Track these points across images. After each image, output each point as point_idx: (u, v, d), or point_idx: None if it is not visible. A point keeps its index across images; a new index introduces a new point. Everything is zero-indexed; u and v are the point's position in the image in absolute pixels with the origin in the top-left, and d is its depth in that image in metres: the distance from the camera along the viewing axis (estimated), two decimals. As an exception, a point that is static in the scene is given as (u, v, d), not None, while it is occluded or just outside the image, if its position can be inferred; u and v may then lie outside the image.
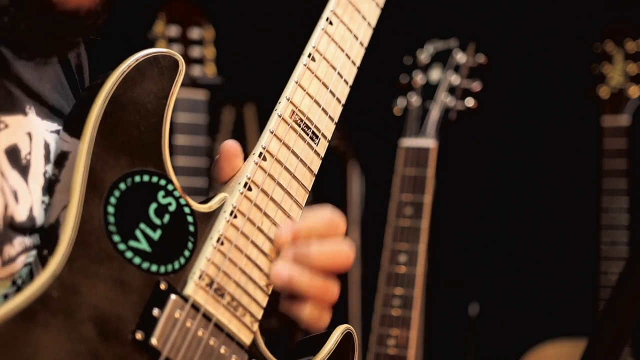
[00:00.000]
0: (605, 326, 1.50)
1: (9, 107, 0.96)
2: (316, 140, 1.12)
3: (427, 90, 2.36)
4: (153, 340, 0.93)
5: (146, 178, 0.98)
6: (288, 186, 1.08)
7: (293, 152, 1.09)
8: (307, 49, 1.13)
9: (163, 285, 0.96)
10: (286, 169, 1.08)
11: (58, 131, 1.02)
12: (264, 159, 1.07)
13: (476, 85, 2.33)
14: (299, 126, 1.10)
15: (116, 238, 0.94)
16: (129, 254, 0.94)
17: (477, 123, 2.44)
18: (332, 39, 1.15)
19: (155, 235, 0.97)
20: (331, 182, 3.07)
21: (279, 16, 3.14)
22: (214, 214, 1.03)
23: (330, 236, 1.06)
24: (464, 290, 3.22)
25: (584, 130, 2.94)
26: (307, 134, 1.11)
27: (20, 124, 0.97)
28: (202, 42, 2.71)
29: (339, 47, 1.16)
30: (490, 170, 3.21)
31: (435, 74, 2.37)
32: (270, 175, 1.07)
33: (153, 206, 0.98)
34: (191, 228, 1.00)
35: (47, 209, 0.97)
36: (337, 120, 1.14)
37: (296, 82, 1.11)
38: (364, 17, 1.20)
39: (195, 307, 0.97)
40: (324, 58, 1.14)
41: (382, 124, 2.56)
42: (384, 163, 2.50)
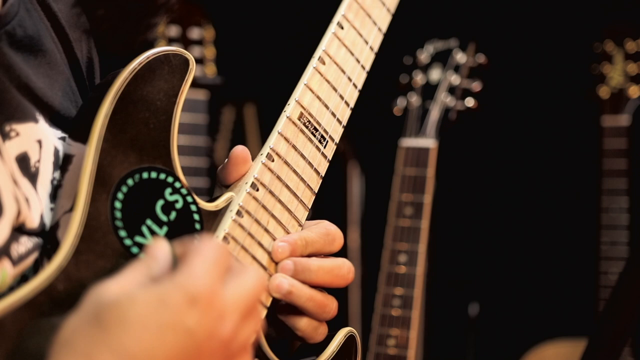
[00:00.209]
0: (605, 326, 1.50)
1: (20, 115, 0.96)
2: (324, 143, 1.12)
3: (427, 90, 2.36)
4: None
5: (154, 175, 0.98)
6: (295, 187, 1.08)
7: (301, 154, 1.09)
8: (318, 52, 1.14)
9: None
10: (293, 170, 1.08)
11: (64, 138, 1.02)
12: (272, 159, 1.07)
13: (476, 85, 2.33)
14: (307, 128, 1.10)
15: (122, 233, 0.94)
16: (135, 250, 0.94)
17: (477, 123, 2.45)
18: (343, 43, 1.16)
19: (162, 231, 0.97)
20: (331, 182, 3.06)
21: (279, 16, 3.14)
22: (220, 212, 1.03)
23: (327, 250, 1.07)
24: (464, 290, 3.22)
25: (584, 130, 2.94)
26: (315, 137, 1.11)
27: (31, 131, 0.97)
28: (202, 42, 2.71)
29: (349, 51, 1.16)
30: (490, 170, 3.21)
31: (435, 74, 2.37)
32: (278, 176, 1.07)
33: (160, 203, 0.98)
34: (197, 226, 1.00)
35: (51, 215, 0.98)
36: (345, 123, 1.15)
37: (305, 85, 1.11)
38: (374, 22, 1.21)
39: None
40: (334, 62, 1.14)
41: (382, 124, 2.56)
42: (384, 163, 2.50)
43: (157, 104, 1.00)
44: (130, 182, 0.96)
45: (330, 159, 1.13)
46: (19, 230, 0.94)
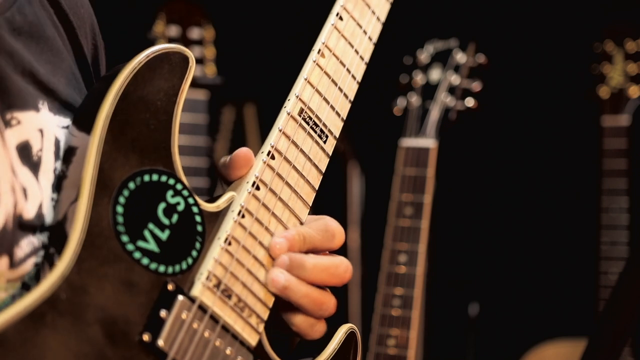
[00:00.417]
0: (605, 326, 1.50)
1: (22, 104, 0.95)
2: (324, 139, 1.10)
3: (427, 90, 2.36)
4: (160, 342, 0.92)
5: (155, 177, 0.97)
6: (296, 185, 1.07)
7: (301, 151, 1.07)
8: (317, 45, 1.11)
9: (170, 286, 0.95)
10: (294, 167, 1.07)
11: (69, 126, 1.01)
12: (272, 157, 1.05)
13: (476, 85, 2.33)
14: (308, 124, 1.08)
15: (125, 238, 0.93)
16: (137, 255, 0.93)
17: (477, 123, 2.45)
18: (342, 35, 1.13)
19: (164, 235, 0.96)
20: (331, 182, 3.06)
21: (279, 16, 3.14)
22: (221, 213, 1.02)
23: (326, 246, 1.05)
24: (464, 290, 3.22)
25: (584, 130, 2.94)
26: (316, 132, 1.09)
27: (32, 120, 0.96)
28: (202, 42, 2.71)
29: (349, 43, 1.14)
30: (490, 170, 3.21)
31: (435, 74, 2.37)
32: (279, 174, 1.05)
33: (162, 206, 0.97)
34: (199, 228, 0.99)
35: (55, 205, 0.97)
36: (345, 118, 1.13)
37: (305, 79, 1.09)
38: (373, 12, 1.18)
39: (202, 309, 0.96)
40: (334, 54, 1.12)
41: (382, 124, 2.56)
42: (384, 163, 2.50)
43: (157, 104, 0.98)
44: (131, 185, 0.95)
45: (330, 154, 1.10)
46: (20, 227, 0.93)
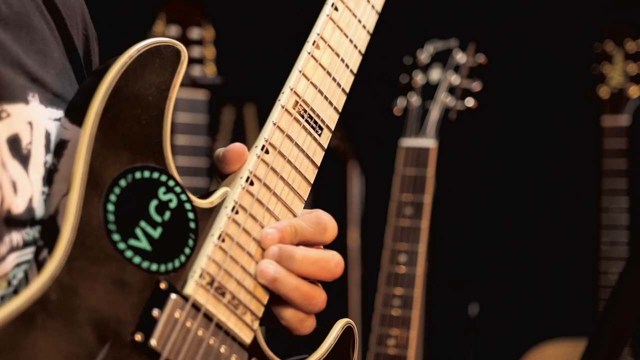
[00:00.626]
0: (605, 326, 1.50)
1: (11, 96, 0.94)
2: (319, 132, 1.08)
3: (427, 90, 2.36)
4: (152, 342, 0.91)
5: (147, 174, 0.95)
6: (291, 179, 1.05)
7: (296, 144, 1.06)
8: (312, 36, 1.09)
9: (163, 284, 0.94)
10: (289, 161, 1.05)
11: (60, 119, 1.00)
12: (267, 151, 1.03)
13: (476, 85, 2.33)
14: (303, 117, 1.06)
15: (116, 237, 0.92)
16: (128, 253, 0.92)
17: (477, 123, 2.44)
18: (337, 26, 1.11)
19: (156, 233, 0.95)
20: (331, 182, 3.07)
21: (279, 16, 3.14)
22: (215, 209, 1.00)
23: (317, 239, 1.04)
24: (464, 290, 3.22)
25: (584, 130, 2.94)
26: (311, 125, 1.07)
27: (22, 112, 0.95)
28: (202, 42, 2.71)
29: (344, 33, 1.11)
30: (490, 170, 3.21)
31: (435, 74, 2.37)
32: (273, 169, 1.04)
33: (154, 203, 0.95)
34: (192, 225, 0.98)
35: (46, 199, 0.95)
36: (341, 110, 1.11)
37: (300, 71, 1.07)
38: (368, 1, 1.15)
39: (196, 307, 0.95)
40: (329, 45, 1.10)
41: (382, 124, 2.56)
42: (384, 163, 2.50)
43: (148, 99, 0.96)
44: (123, 183, 0.93)
45: (326, 147, 1.09)
46: (7, 222, 0.92)
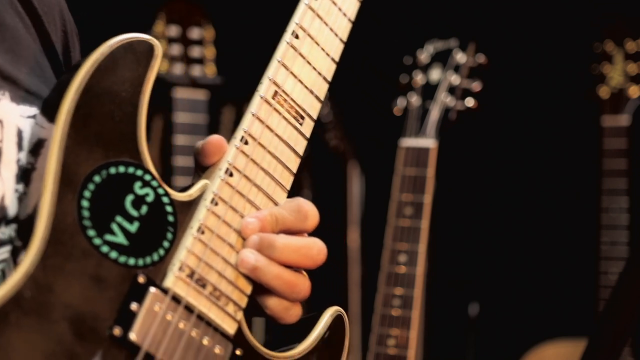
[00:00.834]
0: (605, 326, 1.50)
1: None
2: (301, 121, 1.07)
3: (427, 90, 2.36)
4: (132, 336, 0.91)
5: (122, 169, 0.95)
6: (272, 170, 1.04)
7: (277, 135, 1.05)
8: (290, 26, 1.09)
9: (141, 278, 0.93)
10: (269, 152, 1.04)
11: (34, 116, 0.99)
12: (246, 142, 1.03)
13: (476, 85, 2.33)
14: (283, 107, 1.06)
15: (91, 233, 0.91)
16: (105, 249, 0.92)
17: (477, 123, 2.44)
18: (317, 14, 1.10)
19: (133, 227, 0.94)
20: (331, 182, 3.07)
21: (279, 16, 3.13)
22: (194, 202, 1.00)
23: (299, 227, 1.03)
24: (464, 290, 3.22)
25: (584, 130, 2.94)
26: (292, 115, 1.06)
27: None
28: (202, 42, 2.71)
29: (324, 22, 1.11)
30: (490, 170, 3.21)
31: (435, 74, 2.37)
32: (253, 160, 1.03)
33: (130, 198, 0.95)
34: (170, 218, 0.97)
35: (22, 198, 0.95)
36: (323, 99, 1.10)
37: (279, 61, 1.07)
38: None
39: (176, 299, 0.95)
40: (308, 35, 1.09)
41: (382, 124, 2.56)
42: (384, 163, 2.50)
43: (122, 95, 0.96)
44: (97, 179, 0.93)
45: (308, 136, 1.08)
46: None
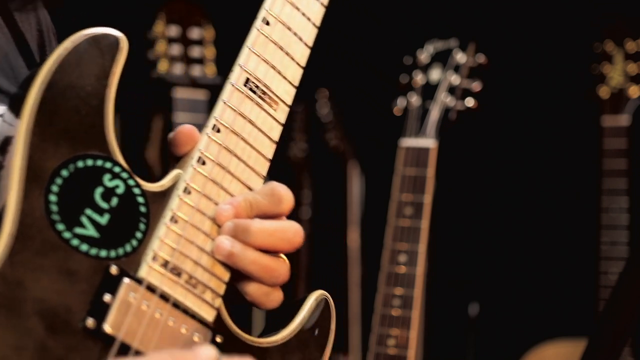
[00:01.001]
0: (605, 326, 1.50)
1: None
2: (275, 107, 1.07)
3: (427, 90, 2.36)
4: (106, 327, 0.91)
5: (90, 162, 0.94)
6: (246, 157, 1.04)
7: (250, 121, 1.05)
8: (261, 13, 1.08)
9: (114, 270, 0.93)
10: (243, 139, 1.04)
11: (2, 115, 0.99)
12: (218, 130, 1.03)
13: (476, 85, 2.33)
14: (255, 93, 1.06)
15: (60, 227, 0.91)
16: (75, 242, 0.91)
17: (477, 123, 2.44)
18: (287, 0, 1.10)
19: (103, 219, 0.94)
20: (331, 182, 3.07)
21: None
22: (167, 192, 1.00)
23: (274, 211, 1.02)
24: (464, 290, 3.22)
25: (584, 130, 2.94)
26: (265, 101, 1.07)
27: None
28: (202, 42, 2.71)
29: (296, 7, 1.10)
30: (490, 170, 3.21)
31: (435, 74, 2.37)
32: (226, 147, 1.03)
33: (99, 190, 0.95)
34: (142, 209, 0.97)
35: None
36: (297, 84, 1.10)
37: (249, 49, 1.06)
38: None
39: (151, 289, 0.94)
40: (279, 21, 1.09)
41: (382, 124, 2.56)
42: (384, 163, 2.50)
43: (87, 89, 0.96)
44: (64, 173, 0.93)
45: (283, 122, 1.08)
46: None
